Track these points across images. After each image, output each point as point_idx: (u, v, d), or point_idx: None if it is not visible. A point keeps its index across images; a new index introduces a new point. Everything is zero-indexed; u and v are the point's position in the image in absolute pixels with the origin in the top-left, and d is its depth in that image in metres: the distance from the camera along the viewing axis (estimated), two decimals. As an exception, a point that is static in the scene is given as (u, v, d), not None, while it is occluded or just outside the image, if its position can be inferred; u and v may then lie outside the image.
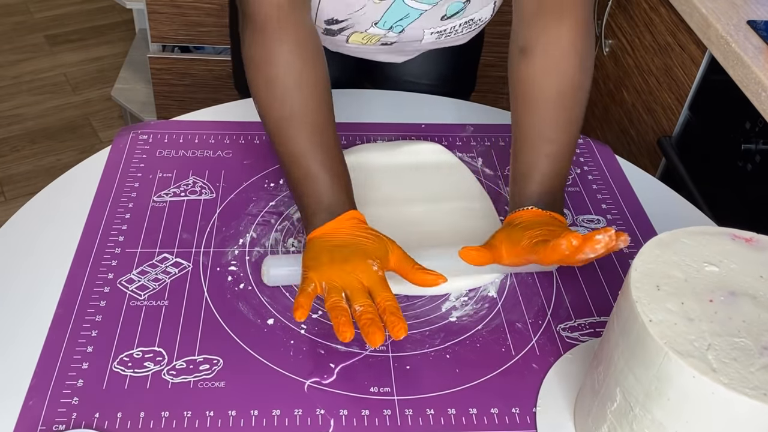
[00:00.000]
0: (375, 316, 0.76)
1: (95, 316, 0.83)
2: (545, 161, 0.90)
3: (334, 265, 0.80)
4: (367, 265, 0.80)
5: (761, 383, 0.57)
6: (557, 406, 0.77)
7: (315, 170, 0.86)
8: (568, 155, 0.92)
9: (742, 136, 1.24)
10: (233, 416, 0.74)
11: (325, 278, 0.79)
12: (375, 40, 1.08)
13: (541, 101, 0.92)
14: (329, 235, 0.84)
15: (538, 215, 0.87)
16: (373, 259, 0.81)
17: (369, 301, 0.78)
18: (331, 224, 0.84)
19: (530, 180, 0.90)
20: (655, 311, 0.62)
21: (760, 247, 0.69)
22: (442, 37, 1.09)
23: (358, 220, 0.86)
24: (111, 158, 1.05)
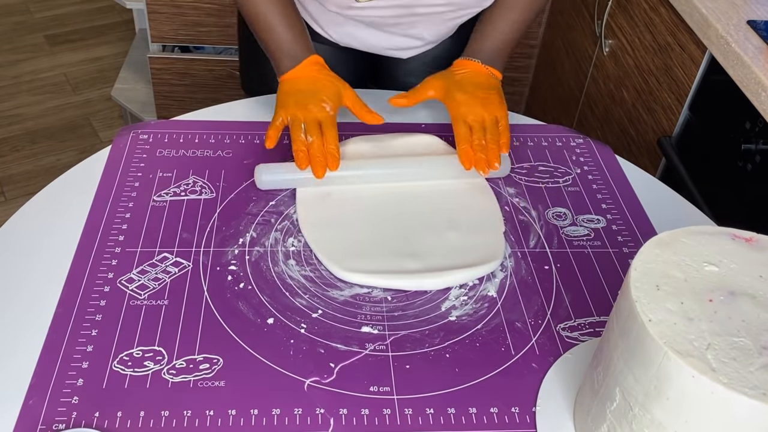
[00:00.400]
0: (321, 154, 0.98)
1: (95, 316, 0.83)
2: (505, 25, 1.11)
3: (297, 105, 1.02)
4: (322, 106, 1.02)
5: (760, 383, 0.57)
6: (557, 406, 0.77)
7: (274, 25, 1.07)
8: (523, 29, 1.14)
9: (742, 136, 1.24)
10: (233, 415, 0.74)
11: (290, 114, 1.01)
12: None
13: None
14: (294, 80, 1.06)
15: (478, 69, 1.09)
16: (327, 101, 1.03)
17: (319, 134, 0.99)
18: (295, 70, 1.06)
19: (487, 38, 1.11)
20: (655, 311, 0.62)
21: (760, 247, 0.69)
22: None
23: (318, 64, 1.07)
24: (111, 158, 1.05)
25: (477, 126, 1.03)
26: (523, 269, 0.93)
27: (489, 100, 1.05)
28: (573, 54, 1.99)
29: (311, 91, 1.04)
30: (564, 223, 1.01)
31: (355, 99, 1.06)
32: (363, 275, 0.89)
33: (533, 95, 2.36)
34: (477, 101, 1.05)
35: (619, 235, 0.99)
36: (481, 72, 1.09)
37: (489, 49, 1.11)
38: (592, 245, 0.97)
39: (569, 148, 1.14)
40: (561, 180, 1.08)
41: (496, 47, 1.11)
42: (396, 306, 0.88)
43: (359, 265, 0.90)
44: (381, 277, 0.90)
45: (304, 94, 1.03)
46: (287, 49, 1.07)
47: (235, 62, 2.16)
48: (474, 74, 1.09)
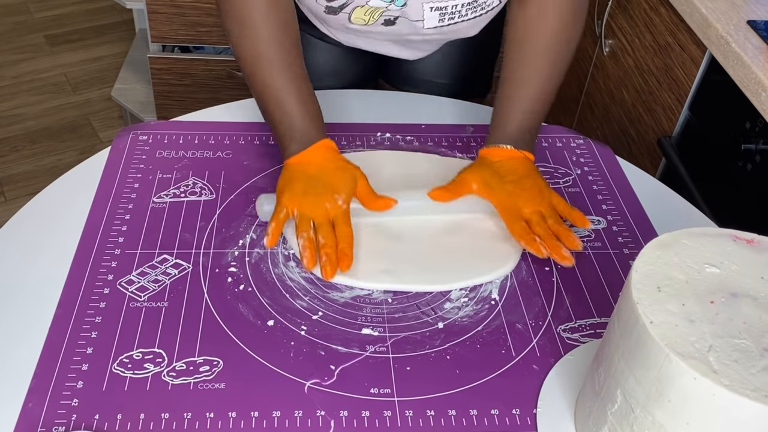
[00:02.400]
0: (333, 254, 0.88)
1: (95, 318, 0.83)
2: (526, 103, 1.01)
3: (306, 196, 0.91)
4: (334, 199, 0.91)
5: (762, 385, 0.57)
6: (558, 408, 0.77)
7: (286, 102, 0.96)
8: (547, 101, 1.04)
9: (742, 136, 1.24)
10: (233, 418, 0.74)
11: (296, 206, 0.90)
12: (377, 15, 1.07)
13: (531, 45, 1.02)
14: (303, 164, 0.94)
15: (512, 155, 0.98)
16: (339, 193, 0.91)
17: (332, 234, 0.89)
18: (305, 153, 0.94)
19: (510, 119, 1.01)
20: (656, 313, 0.62)
21: (762, 249, 0.69)
22: (445, 18, 1.07)
23: (329, 149, 0.96)
24: (111, 159, 1.05)
25: (535, 218, 0.93)
26: (524, 270, 0.93)
27: (536, 186, 0.96)
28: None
29: (322, 180, 0.92)
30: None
31: (365, 188, 0.94)
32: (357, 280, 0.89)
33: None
34: (525, 191, 0.95)
35: (619, 236, 0.99)
36: (516, 157, 0.98)
37: (515, 132, 1.00)
38: (592, 246, 0.97)
39: (569, 149, 1.14)
40: (561, 181, 1.08)
41: (521, 128, 1.01)
42: (396, 308, 0.87)
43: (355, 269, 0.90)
44: (379, 281, 0.90)
45: (313, 183, 0.92)
46: (299, 130, 0.96)
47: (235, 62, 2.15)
48: (511, 161, 0.98)
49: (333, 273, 0.87)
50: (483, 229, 0.97)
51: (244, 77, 1.00)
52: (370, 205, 0.95)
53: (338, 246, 0.88)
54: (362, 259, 0.91)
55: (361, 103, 1.21)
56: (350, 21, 1.08)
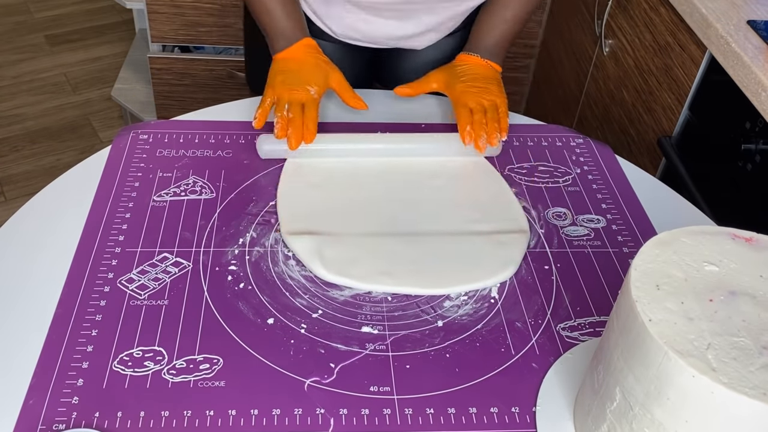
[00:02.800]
0: (299, 127, 1.03)
1: (95, 316, 0.83)
2: (502, 24, 1.17)
3: (284, 86, 1.07)
4: (306, 89, 1.07)
5: (761, 383, 0.57)
6: (557, 406, 0.77)
7: (271, 7, 1.11)
8: (520, 24, 1.19)
9: (742, 136, 1.24)
10: (233, 415, 0.74)
11: (276, 95, 1.07)
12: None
13: None
14: (286, 60, 1.11)
15: (477, 62, 1.15)
16: (312, 85, 1.07)
17: (300, 113, 1.04)
18: (288, 50, 1.11)
19: (484, 34, 1.17)
20: (655, 311, 0.62)
21: (760, 247, 0.69)
22: None
23: (310, 47, 1.12)
24: (111, 158, 1.05)
25: (477, 108, 1.08)
26: (523, 269, 0.93)
27: (489, 89, 1.11)
28: (573, 54, 1.99)
29: (299, 72, 1.09)
30: (564, 223, 1.01)
31: (341, 82, 1.11)
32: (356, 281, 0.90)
33: (533, 95, 2.36)
34: (477, 89, 1.11)
35: (619, 235, 0.99)
36: (481, 65, 1.15)
37: (487, 45, 1.16)
38: (592, 245, 0.97)
39: (569, 148, 1.14)
40: (561, 180, 1.08)
41: (494, 42, 1.17)
42: (396, 306, 0.88)
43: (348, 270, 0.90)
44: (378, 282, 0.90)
45: (291, 75, 1.08)
46: (282, 30, 1.11)
47: (235, 62, 2.16)
48: (474, 67, 1.14)
49: (297, 144, 1.03)
50: (484, 232, 0.97)
51: None
52: (345, 99, 1.11)
53: (305, 123, 1.04)
54: (362, 261, 0.91)
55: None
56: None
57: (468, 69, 1.14)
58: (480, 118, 1.07)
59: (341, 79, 1.11)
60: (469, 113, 1.08)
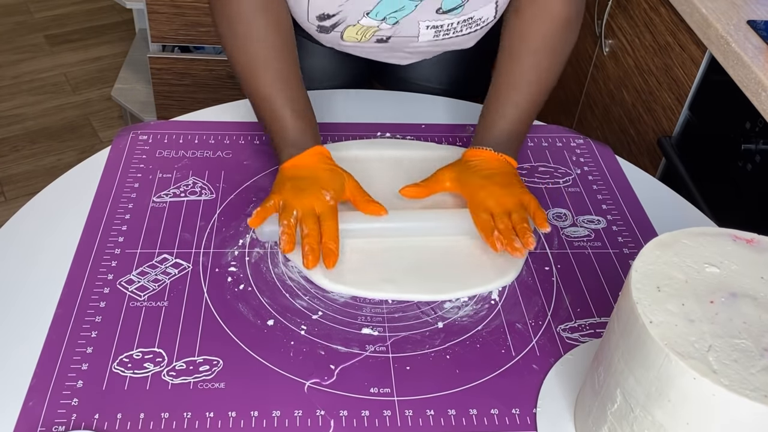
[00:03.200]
0: (316, 244, 0.88)
1: (95, 317, 0.83)
2: (511, 110, 1.01)
3: (293, 191, 0.92)
4: (321, 195, 0.92)
5: (762, 385, 0.57)
6: (557, 407, 0.77)
7: (280, 111, 0.98)
8: (534, 110, 1.03)
9: (742, 136, 1.24)
10: (233, 417, 0.74)
11: (283, 199, 0.91)
12: (370, 34, 1.08)
13: (520, 51, 1.02)
14: (295, 168, 0.96)
15: (491, 157, 0.99)
16: (328, 190, 0.92)
17: (315, 227, 0.89)
18: (297, 158, 0.96)
19: (494, 122, 1.02)
20: (656, 312, 0.62)
21: (761, 248, 0.69)
22: (440, 34, 1.08)
23: (322, 155, 0.97)
24: (111, 158, 1.05)
25: (499, 211, 0.93)
26: (524, 270, 0.93)
27: (510, 186, 0.96)
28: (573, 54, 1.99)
29: (312, 177, 0.94)
30: (564, 223, 1.00)
31: (357, 188, 0.96)
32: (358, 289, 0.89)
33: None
34: (496, 186, 0.95)
35: (619, 236, 0.99)
36: (495, 159, 1.00)
37: (498, 137, 1.01)
38: (592, 246, 0.97)
39: (569, 149, 1.14)
40: (561, 180, 1.08)
41: (507, 133, 1.01)
42: (396, 307, 0.87)
43: (350, 278, 0.89)
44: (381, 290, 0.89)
45: (303, 180, 0.94)
46: (292, 138, 0.97)
47: (234, 62, 2.16)
48: (488, 161, 0.99)
49: (315, 263, 0.86)
50: None
51: (238, 81, 1.01)
52: (361, 206, 0.94)
53: (323, 241, 0.88)
54: (363, 268, 0.91)
55: (361, 103, 1.21)
56: (342, 39, 1.09)
57: (481, 164, 0.99)
58: (505, 225, 0.92)
59: (357, 186, 0.96)
60: (489, 218, 0.93)
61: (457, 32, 1.09)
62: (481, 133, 1.03)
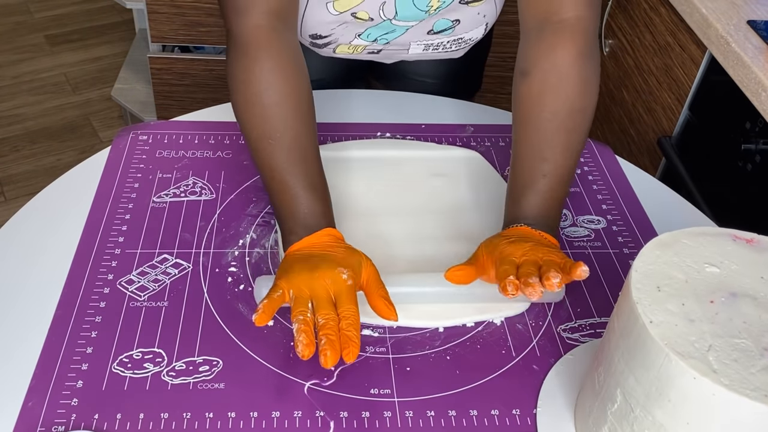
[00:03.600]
0: (335, 335, 0.74)
1: (95, 317, 0.83)
2: (541, 181, 0.88)
3: (303, 272, 0.78)
4: (336, 273, 0.78)
5: (762, 384, 0.57)
6: (558, 408, 0.77)
7: (292, 187, 0.86)
8: (566, 177, 0.90)
9: (742, 136, 1.24)
10: (233, 418, 0.74)
11: (293, 286, 0.77)
12: (361, 49, 1.10)
13: (539, 122, 0.90)
14: (304, 249, 0.83)
15: (528, 233, 0.85)
16: (344, 267, 0.79)
17: (333, 314, 0.76)
18: (308, 239, 0.83)
19: (525, 199, 0.88)
20: (656, 312, 0.62)
21: (761, 248, 0.69)
22: (429, 49, 1.10)
23: (334, 237, 0.84)
24: (111, 158, 1.05)
25: (525, 264, 0.79)
26: (524, 270, 0.93)
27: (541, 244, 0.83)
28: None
29: (323, 255, 0.81)
30: (564, 224, 1.00)
31: (374, 277, 0.81)
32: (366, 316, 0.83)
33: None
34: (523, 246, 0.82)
35: (619, 236, 0.99)
36: (535, 234, 0.85)
37: (533, 213, 0.88)
38: (592, 246, 0.97)
39: (569, 149, 1.14)
40: (561, 180, 1.08)
41: (539, 208, 0.88)
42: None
43: None
44: None
45: (315, 260, 0.80)
46: (303, 218, 0.85)
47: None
48: (527, 233, 0.85)
49: (335, 360, 0.72)
50: None
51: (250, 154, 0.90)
52: (372, 300, 0.80)
53: (342, 327, 0.75)
54: None
55: (361, 102, 1.21)
56: (335, 53, 1.11)
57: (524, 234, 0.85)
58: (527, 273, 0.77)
59: (375, 273, 0.81)
60: (513, 268, 0.79)
61: (446, 48, 1.11)
62: (512, 212, 0.89)
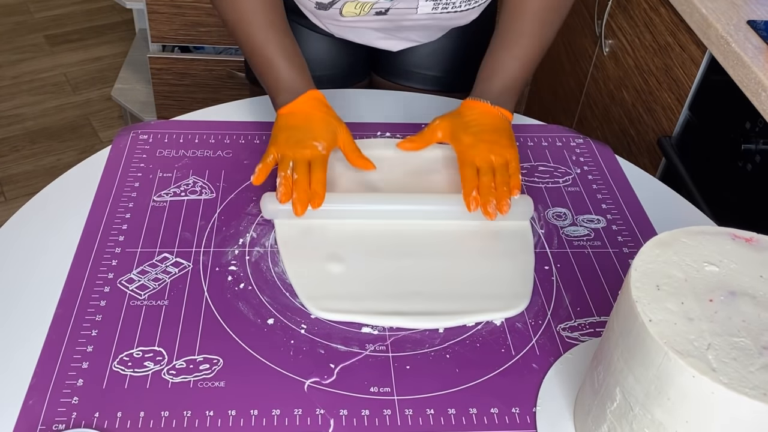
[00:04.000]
0: (304, 190, 0.94)
1: (95, 316, 0.83)
2: (511, 62, 1.06)
3: (289, 143, 0.98)
4: (314, 146, 0.97)
5: (761, 383, 0.57)
6: (557, 406, 0.77)
7: (273, 58, 1.02)
8: (531, 64, 1.08)
9: (742, 136, 1.24)
10: (233, 416, 0.74)
11: (280, 152, 0.97)
12: (368, 8, 1.09)
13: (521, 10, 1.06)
14: (291, 114, 1.01)
15: (487, 110, 1.03)
16: (320, 140, 0.98)
17: (306, 173, 0.95)
18: (294, 104, 1.01)
19: (493, 76, 1.06)
20: (655, 311, 0.62)
21: (760, 247, 0.69)
22: (438, 7, 1.09)
23: (315, 99, 1.02)
24: (111, 158, 1.05)
25: (485, 168, 0.97)
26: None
27: (498, 142, 1.00)
28: (573, 54, 1.99)
29: (305, 128, 0.99)
30: (564, 223, 1.00)
31: (348, 141, 1.02)
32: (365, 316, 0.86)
33: (533, 95, 2.36)
34: (485, 144, 0.99)
35: (619, 235, 0.99)
36: (490, 113, 1.03)
37: (497, 89, 1.05)
38: (592, 245, 0.97)
39: (569, 148, 1.14)
40: (561, 180, 1.08)
41: (504, 86, 1.05)
42: (396, 306, 0.87)
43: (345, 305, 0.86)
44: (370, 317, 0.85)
45: (297, 131, 0.99)
46: (285, 83, 1.02)
47: (235, 62, 2.16)
48: (482, 115, 1.03)
49: (303, 210, 0.93)
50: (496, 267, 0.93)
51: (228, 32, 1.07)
52: (350, 159, 1.02)
53: (311, 185, 0.94)
54: (370, 295, 0.88)
55: (361, 102, 1.21)
56: (341, 14, 1.09)
57: (475, 118, 1.03)
58: (488, 181, 0.96)
59: (349, 137, 1.02)
60: (475, 174, 0.97)
61: (455, 7, 1.11)
62: (480, 85, 1.06)
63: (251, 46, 1.03)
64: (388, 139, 1.12)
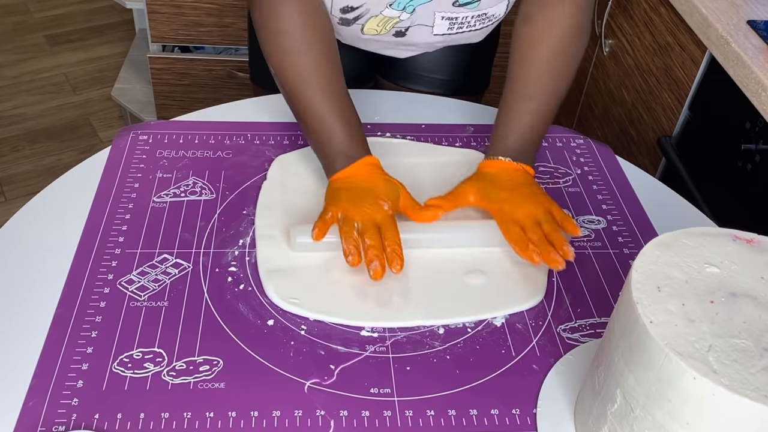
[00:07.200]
0: (380, 253, 0.87)
1: (95, 317, 0.83)
2: (527, 116, 1.01)
3: (351, 202, 0.91)
4: (379, 205, 0.91)
5: (762, 385, 0.57)
6: (558, 407, 0.77)
7: (329, 121, 0.97)
8: (548, 115, 1.03)
9: (742, 136, 1.24)
10: (233, 417, 0.74)
11: (342, 210, 0.90)
12: (390, 26, 1.08)
13: (533, 60, 1.03)
14: (348, 178, 0.95)
15: (510, 167, 0.99)
16: (385, 200, 0.92)
17: (377, 237, 0.88)
18: (350, 168, 0.95)
19: (510, 132, 1.01)
20: (656, 312, 0.62)
21: (761, 248, 0.69)
22: (454, 27, 1.09)
23: (373, 165, 0.97)
24: (111, 158, 1.05)
25: (530, 224, 0.91)
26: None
27: (535, 194, 0.95)
28: (573, 54, 1.99)
29: (368, 189, 0.93)
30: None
31: (409, 200, 0.96)
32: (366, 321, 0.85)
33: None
34: (523, 197, 0.95)
35: (619, 236, 0.99)
36: (513, 168, 0.99)
37: (514, 146, 1.00)
38: (592, 246, 0.97)
39: (569, 149, 1.14)
40: (561, 180, 1.08)
41: (522, 142, 1.01)
42: (396, 307, 0.87)
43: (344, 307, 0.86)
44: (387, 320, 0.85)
45: (359, 192, 0.93)
46: (342, 148, 0.97)
47: (235, 62, 2.16)
48: (506, 171, 0.99)
49: (382, 273, 0.86)
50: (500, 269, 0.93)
51: (285, 96, 1.01)
52: (414, 216, 0.95)
53: (387, 248, 0.88)
54: (371, 297, 0.88)
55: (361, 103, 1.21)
56: (362, 32, 1.09)
57: (501, 174, 0.98)
58: (539, 236, 0.90)
59: (409, 197, 0.96)
60: (521, 232, 0.91)
61: (470, 26, 1.10)
62: (497, 143, 1.01)
63: (307, 109, 0.99)
64: (409, 141, 1.11)
